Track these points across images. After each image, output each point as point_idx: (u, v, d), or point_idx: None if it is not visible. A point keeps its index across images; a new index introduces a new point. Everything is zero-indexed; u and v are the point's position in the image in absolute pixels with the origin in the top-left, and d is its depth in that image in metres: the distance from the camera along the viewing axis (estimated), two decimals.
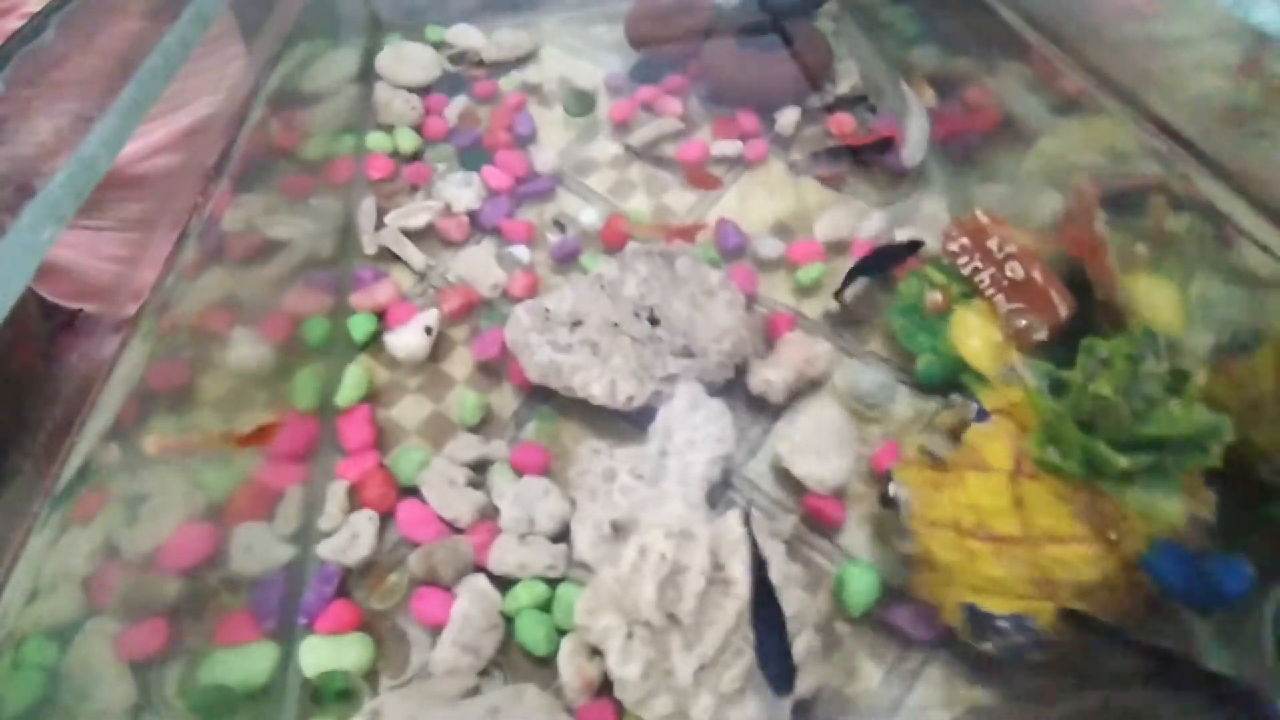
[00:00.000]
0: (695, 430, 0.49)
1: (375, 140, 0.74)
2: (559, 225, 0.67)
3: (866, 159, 0.65)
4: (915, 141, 0.59)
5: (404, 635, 0.46)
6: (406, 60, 0.80)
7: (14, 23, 0.61)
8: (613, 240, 0.64)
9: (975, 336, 0.52)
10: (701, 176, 0.61)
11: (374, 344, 0.60)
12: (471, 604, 0.45)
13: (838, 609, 0.45)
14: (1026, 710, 0.41)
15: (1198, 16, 0.48)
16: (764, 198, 0.68)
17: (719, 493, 0.50)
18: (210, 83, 0.68)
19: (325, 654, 0.44)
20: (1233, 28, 0.43)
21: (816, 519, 0.49)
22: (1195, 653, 0.40)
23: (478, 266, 0.63)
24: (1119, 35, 0.51)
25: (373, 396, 0.57)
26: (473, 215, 0.67)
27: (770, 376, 0.53)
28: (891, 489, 0.44)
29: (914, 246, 0.59)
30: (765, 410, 0.54)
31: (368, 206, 0.68)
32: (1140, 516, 0.36)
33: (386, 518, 0.50)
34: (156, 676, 0.37)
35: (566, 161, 0.72)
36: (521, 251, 0.65)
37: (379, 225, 0.67)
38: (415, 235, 0.67)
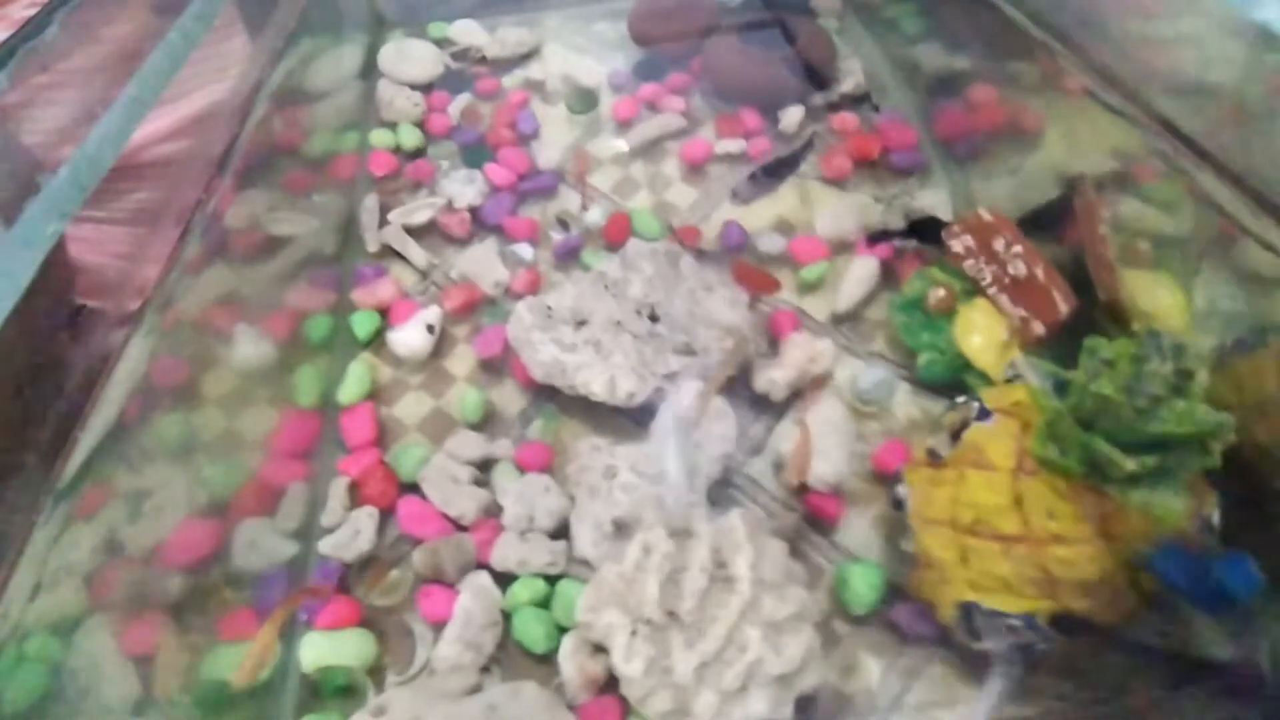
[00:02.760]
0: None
1: (378, 137, 0.74)
2: (561, 223, 0.67)
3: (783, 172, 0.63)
4: (673, 480, 0.39)
5: (410, 632, 0.46)
6: (409, 57, 0.80)
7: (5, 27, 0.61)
8: (615, 238, 0.64)
9: (978, 333, 0.52)
10: (758, 278, 0.57)
11: (376, 341, 0.60)
12: (473, 600, 0.45)
13: (838, 607, 0.45)
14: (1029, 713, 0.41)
15: (1202, 14, 0.47)
16: (767, 196, 0.68)
17: (720, 491, 0.50)
18: (211, 71, 0.68)
19: (323, 650, 0.44)
20: (1237, 25, 0.43)
21: (816, 516, 0.49)
22: (1195, 648, 0.40)
23: (480, 264, 0.63)
24: (1123, 33, 0.51)
25: (375, 393, 0.57)
26: (475, 212, 0.67)
27: (773, 375, 0.53)
28: (900, 490, 0.44)
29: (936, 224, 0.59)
30: (768, 408, 0.54)
31: (370, 203, 0.68)
32: (1142, 516, 0.36)
33: (387, 514, 0.50)
34: (159, 671, 0.37)
35: (569, 159, 0.72)
36: (525, 249, 0.65)
37: (381, 222, 0.67)
38: (418, 232, 0.67)
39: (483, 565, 0.47)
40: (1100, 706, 0.40)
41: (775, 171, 0.63)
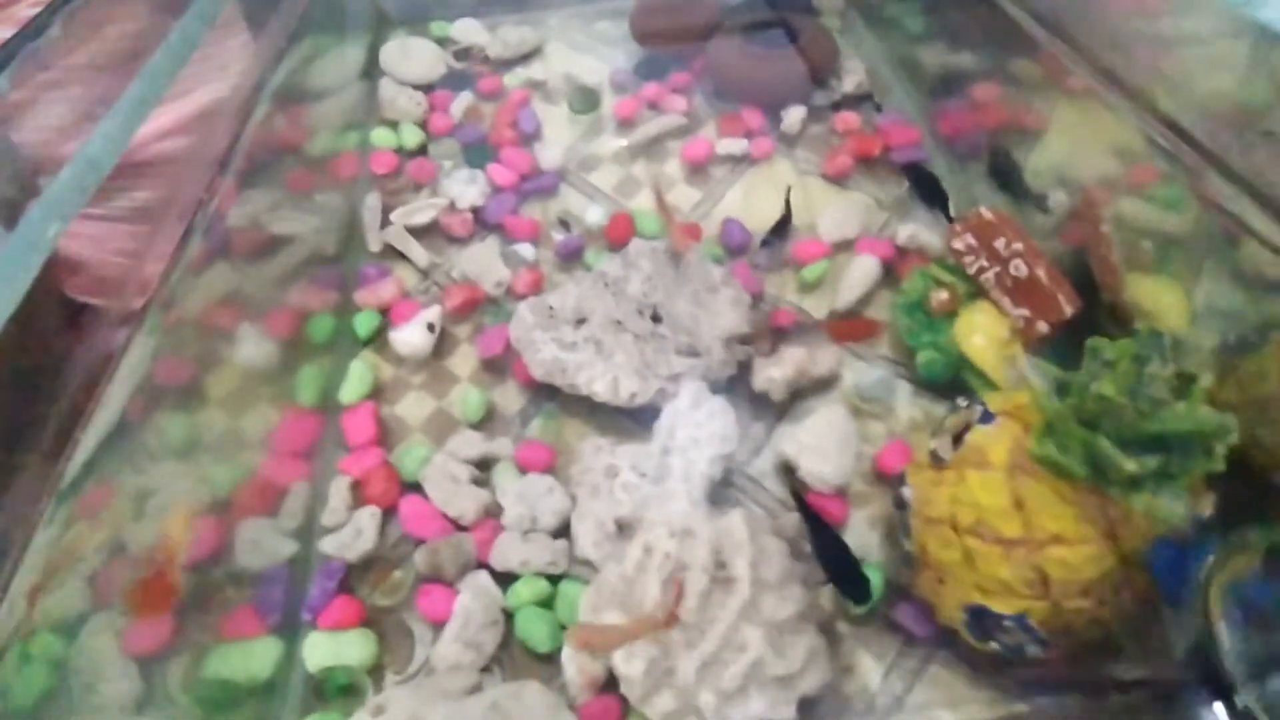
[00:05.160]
0: (698, 428, 0.49)
1: (380, 136, 0.74)
2: (563, 222, 0.67)
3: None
4: None
5: (409, 631, 0.46)
6: (411, 56, 0.80)
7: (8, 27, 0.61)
8: (617, 237, 0.64)
9: (979, 334, 0.52)
10: (858, 330, 0.57)
11: (378, 340, 0.60)
12: (473, 600, 0.45)
13: (840, 608, 0.45)
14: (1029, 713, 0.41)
15: (1206, 14, 0.47)
16: (769, 195, 0.68)
17: (721, 491, 0.50)
18: (212, 69, 0.68)
19: (328, 649, 0.44)
20: (1241, 25, 0.43)
21: None
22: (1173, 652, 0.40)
23: (482, 263, 0.63)
24: (1127, 32, 0.51)
25: (377, 393, 0.57)
26: (477, 212, 0.67)
27: (774, 375, 0.53)
28: (905, 491, 0.44)
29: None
30: (768, 408, 0.54)
31: (372, 203, 0.68)
32: (1143, 517, 0.36)
33: (389, 514, 0.51)
34: (161, 670, 0.37)
35: (571, 158, 0.72)
36: (526, 249, 0.65)
37: (384, 222, 0.67)
38: (420, 232, 0.67)
39: (482, 565, 0.47)
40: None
41: (783, 232, 0.63)
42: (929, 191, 0.65)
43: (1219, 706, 0.34)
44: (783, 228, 0.63)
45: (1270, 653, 0.33)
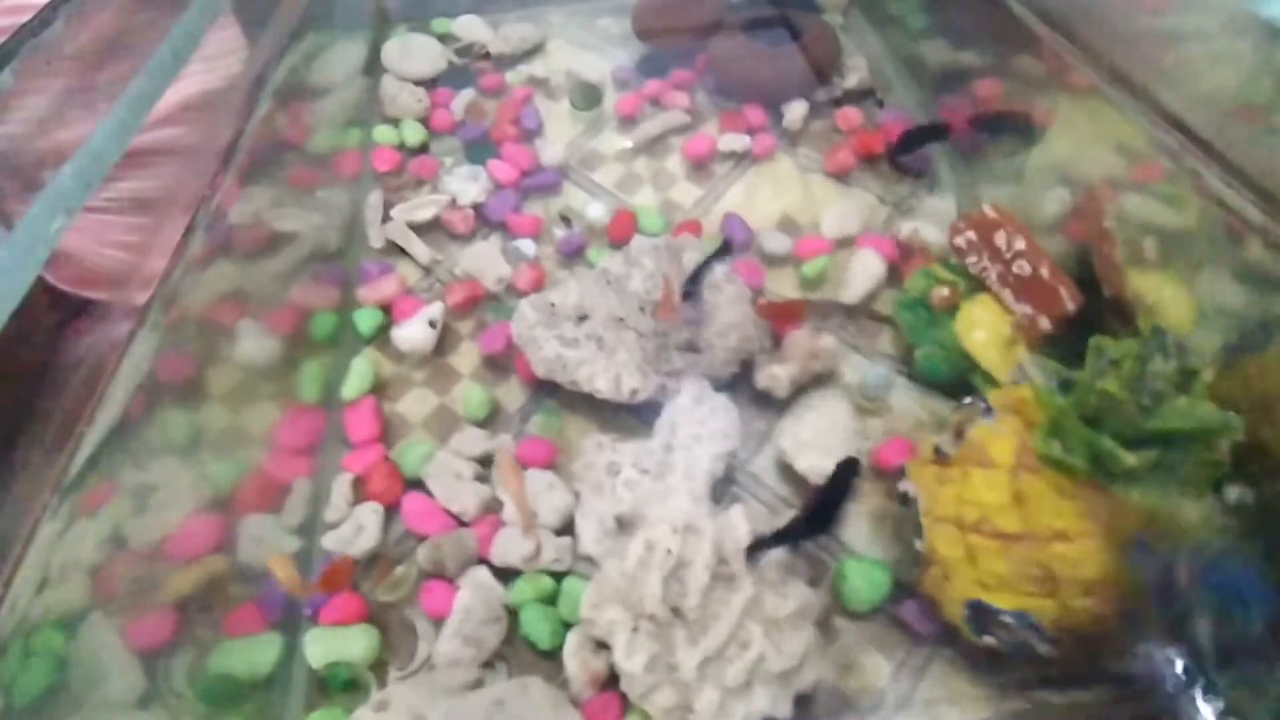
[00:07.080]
0: (700, 425, 0.49)
1: (381, 133, 0.74)
2: (565, 219, 0.67)
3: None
4: None
5: (412, 627, 0.46)
6: (413, 53, 0.80)
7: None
8: (619, 234, 0.64)
9: (980, 329, 0.52)
10: (783, 312, 0.54)
11: (380, 337, 0.60)
12: (473, 596, 0.45)
13: (838, 603, 0.45)
14: (1031, 709, 0.41)
15: (1210, 10, 0.47)
16: (771, 192, 0.68)
17: (722, 488, 0.50)
18: (199, 61, 0.67)
19: (329, 645, 0.44)
20: (1245, 22, 0.42)
21: None
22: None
23: (484, 260, 0.63)
24: (1130, 29, 0.51)
25: (378, 390, 0.57)
26: (479, 209, 0.67)
27: (775, 371, 0.53)
28: (905, 486, 0.44)
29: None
30: (770, 405, 0.54)
31: (374, 200, 0.68)
32: (1144, 513, 0.36)
33: (391, 510, 0.51)
34: (164, 666, 0.37)
35: (573, 155, 0.72)
36: (528, 245, 0.65)
37: (385, 219, 0.67)
38: (421, 229, 0.67)
39: (483, 561, 0.48)
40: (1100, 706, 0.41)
41: (697, 278, 0.56)
42: (920, 136, 0.66)
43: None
44: (696, 274, 0.56)
45: (1241, 639, 0.33)
